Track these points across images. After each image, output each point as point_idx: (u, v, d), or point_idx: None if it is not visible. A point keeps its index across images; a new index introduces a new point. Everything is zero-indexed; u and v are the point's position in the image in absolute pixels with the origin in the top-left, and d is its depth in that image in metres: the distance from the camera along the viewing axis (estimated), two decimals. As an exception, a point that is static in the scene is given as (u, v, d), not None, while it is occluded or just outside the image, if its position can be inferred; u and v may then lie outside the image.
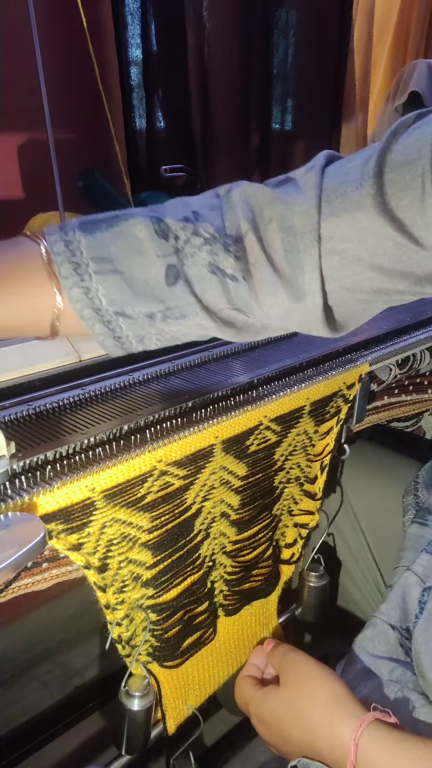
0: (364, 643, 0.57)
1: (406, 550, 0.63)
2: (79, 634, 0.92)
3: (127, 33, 1.75)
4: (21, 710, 0.90)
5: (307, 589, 0.72)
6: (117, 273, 0.40)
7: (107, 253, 0.40)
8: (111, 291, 0.40)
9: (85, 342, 0.59)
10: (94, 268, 0.40)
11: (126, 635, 0.51)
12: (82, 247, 0.40)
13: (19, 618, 0.78)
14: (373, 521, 0.76)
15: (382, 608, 0.59)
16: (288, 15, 1.73)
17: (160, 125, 1.85)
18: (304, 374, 0.59)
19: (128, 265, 0.40)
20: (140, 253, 0.41)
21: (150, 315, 0.41)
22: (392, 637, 0.57)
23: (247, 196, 0.43)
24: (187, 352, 0.63)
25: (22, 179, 1.70)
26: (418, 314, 0.77)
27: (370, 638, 0.57)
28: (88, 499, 0.42)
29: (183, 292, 0.41)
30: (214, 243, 0.42)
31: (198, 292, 0.42)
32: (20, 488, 0.39)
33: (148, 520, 0.47)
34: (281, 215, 0.42)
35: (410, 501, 0.70)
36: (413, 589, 0.58)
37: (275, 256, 0.42)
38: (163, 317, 0.42)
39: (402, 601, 0.58)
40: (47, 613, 0.81)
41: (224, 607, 0.60)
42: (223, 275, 0.42)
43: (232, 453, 0.53)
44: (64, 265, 0.39)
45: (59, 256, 0.39)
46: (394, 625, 0.57)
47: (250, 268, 0.42)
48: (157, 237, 0.41)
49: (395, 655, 0.56)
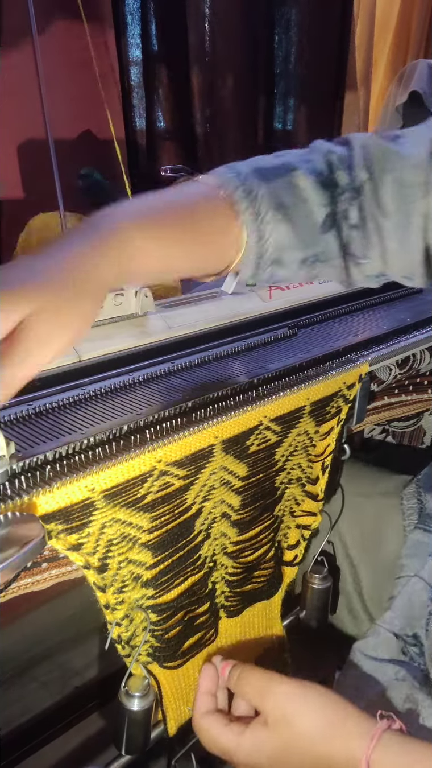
0: (366, 651, 0.57)
1: (408, 558, 0.62)
2: (78, 634, 0.92)
3: (127, 33, 1.75)
4: (21, 710, 0.89)
5: (311, 592, 0.72)
6: (288, 221, 0.44)
7: (282, 202, 0.44)
8: (280, 238, 0.44)
9: (85, 342, 0.59)
10: (270, 217, 0.43)
11: (126, 635, 0.51)
12: (260, 196, 0.43)
13: (19, 618, 0.78)
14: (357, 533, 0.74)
15: (385, 617, 0.58)
16: (290, 14, 1.73)
17: (161, 125, 1.85)
18: (304, 374, 0.59)
19: (296, 214, 0.45)
20: (305, 201, 0.45)
21: (303, 260, 0.47)
22: (395, 645, 0.56)
23: (365, 147, 0.48)
24: (187, 352, 0.63)
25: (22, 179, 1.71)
26: (418, 314, 0.77)
27: (372, 646, 0.57)
28: (88, 500, 0.42)
29: (333, 238, 0.47)
30: (347, 192, 0.47)
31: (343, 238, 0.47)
32: (20, 488, 0.39)
33: (148, 521, 0.47)
34: (394, 167, 0.47)
35: (412, 505, 0.68)
36: (421, 596, 0.57)
37: (387, 206, 0.47)
38: (311, 262, 0.47)
39: (408, 608, 0.57)
40: (47, 613, 0.81)
41: (226, 608, 0.60)
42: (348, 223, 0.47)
43: (233, 453, 0.53)
44: (246, 213, 0.42)
45: (242, 203, 0.42)
46: (398, 633, 0.57)
47: (366, 216, 0.47)
48: (318, 187, 0.46)
49: (399, 658, 0.56)
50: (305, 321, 0.74)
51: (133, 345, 0.61)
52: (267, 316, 0.73)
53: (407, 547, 0.63)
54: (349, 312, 0.80)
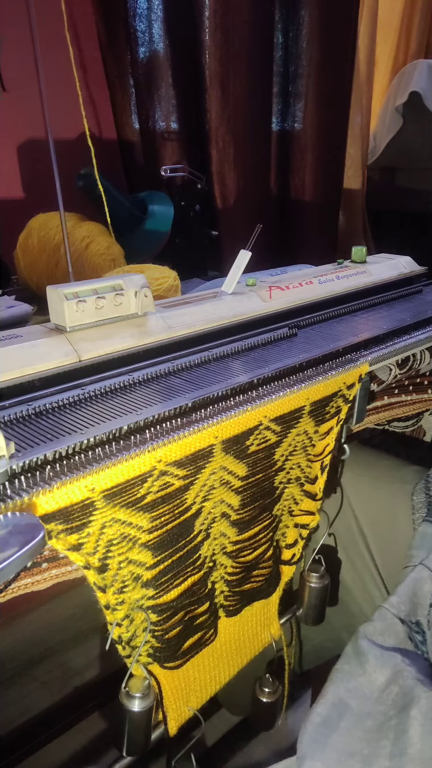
0: (373, 636, 0.56)
1: (416, 549, 0.62)
2: (79, 634, 0.92)
3: (130, 32, 1.75)
4: (21, 710, 0.90)
5: (308, 590, 0.72)
6: None
7: None
8: None
9: (85, 342, 0.59)
10: None
11: (126, 636, 0.51)
12: None
13: (19, 618, 0.78)
14: (373, 525, 0.75)
15: (392, 600, 0.58)
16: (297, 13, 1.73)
17: (161, 125, 1.85)
18: (304, 374, 0.59)
19: None
20: None
21: None
22: (401, 631, 0.56)
23: None
24: (187, 352, 0.63)
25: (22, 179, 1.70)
26: (418, 314, 0.77)
27: (380, 631, 0.56)
28: (88, 499, 0.42)
29: None
30: None
31: None
32: (20, 488, 0.39)
33: (148, 521, 0.47)
34: None
35: (422, 499, 0.69)
36: (425, 584, 0.57)
37: None
38: None
39: (413, 595, 0.58)
40: (47, 613, 0.81)
41: (225, 607, 0.60)
42: None
43: (232, 453, 0.53)
44: None
45: None
46: (404, 618, 0.57)
47: None
48: None
49: (404, 646, 0.56)
50: (305, 321, 0.75)
51: (133, 345, 0.61)
52: (267, 316, 0.73)
53: (415, 539, 0.64)
54: (349, 312, 0.80)
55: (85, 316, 0.60)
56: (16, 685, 0.91)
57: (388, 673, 0.53)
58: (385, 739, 0.49)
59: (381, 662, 0.54)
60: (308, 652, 0.85)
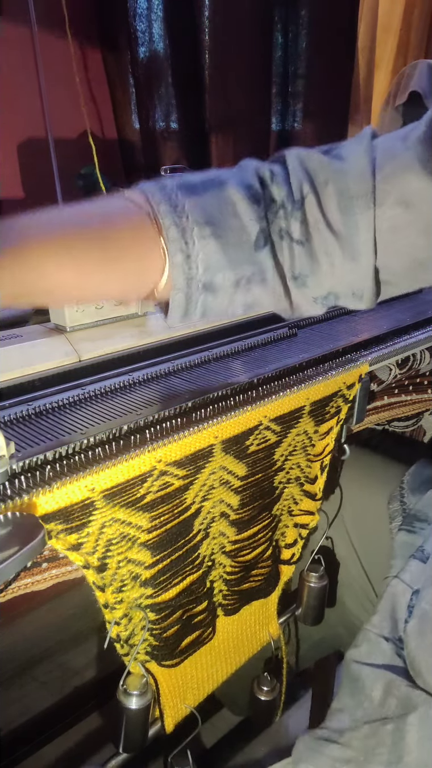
0: (360, 659, 0.56)
1: (396, 559, 0.62)
2: (78, 634, 0.93)
3: (131, 31, 1.75)
4: (20, 710, 0.90)
5: (307, 590, 0.72)
6: (217, 237, 0.40)
7: (209, 218, 0.40)
8: (209, 256, 0.40)
9: (85, 342, 0.59)
10: (198, 233, 0.39)
11: (124, 634, 0.51)
12: (188, 210, 0.39)
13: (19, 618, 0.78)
14: (361, 529, 0.74)
15: (373, 620, 0.58)
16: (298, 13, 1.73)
17: (161, 124, 1.85)
18: (304, 374, 0.59)
19: (226, 229, 0.41)
20: (235, 216, 0.41)
21: (237, 282, 0.42)
22: (387, 649, 0.55)
23: (302, 160, 0.45)
24: (187, 352, 0.63)
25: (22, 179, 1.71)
26: (418, 314, 0.77)
27: (365, 654, 0.56)
28: (88, 499, 0.42)
29: (267, 257, 0.43)
30: (285, 207, 0.43)
31: (279, 256, 0.43)
32: (20, 488, 0.39)
33: (148, 520, 0.47)
34: (336, 178, 0.44)
35: (396, 508, 0.68)
36: (401, 597, 0.57)
37: (332, 218, 0.43)
38: (246, 282, 0.43)
39: (392, 611, 0.57)
40: (47, 613, 0.81)
41: (223, 606, 0.60)
42: (291, 240, 0.43)
43: (232, 453, 0.53)
44: (171, 229, 0.38)
45: (166, 218, 0.38)
46: (387, 636, 0.56)
47: (310, 230, 0.44)
48: (249, 202, 0.42)
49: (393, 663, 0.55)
50: (305, 321, 0.75)
51: (133, 345, 0.61)
52: (267, 316, 0.73)
53: (394, 548, 0.63)
54: (349, 312, 0.80)
55: (85, 316, 0.60)
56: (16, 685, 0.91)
57: (383, 687, 0.53)
58: (382, 746, 0.49)
59: (373, 678, 0.54)
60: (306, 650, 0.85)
